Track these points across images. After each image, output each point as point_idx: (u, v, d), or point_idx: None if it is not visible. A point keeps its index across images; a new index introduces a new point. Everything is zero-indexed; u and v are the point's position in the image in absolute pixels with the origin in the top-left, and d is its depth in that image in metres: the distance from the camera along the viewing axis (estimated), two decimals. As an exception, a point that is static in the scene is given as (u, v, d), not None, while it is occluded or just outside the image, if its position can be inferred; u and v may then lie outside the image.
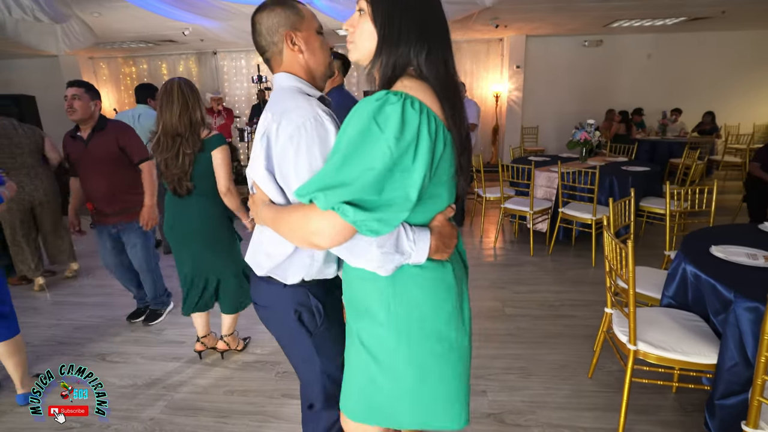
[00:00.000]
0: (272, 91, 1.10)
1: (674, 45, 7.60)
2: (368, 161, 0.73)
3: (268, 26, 1.04)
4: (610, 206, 2.18)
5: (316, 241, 0.81)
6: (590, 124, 4.24)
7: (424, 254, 0.87)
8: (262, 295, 1.15)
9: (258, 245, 1.12)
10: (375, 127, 0.74)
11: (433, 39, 0.84)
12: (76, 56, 8.26)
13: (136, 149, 2.50)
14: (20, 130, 2.99)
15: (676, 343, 1.61)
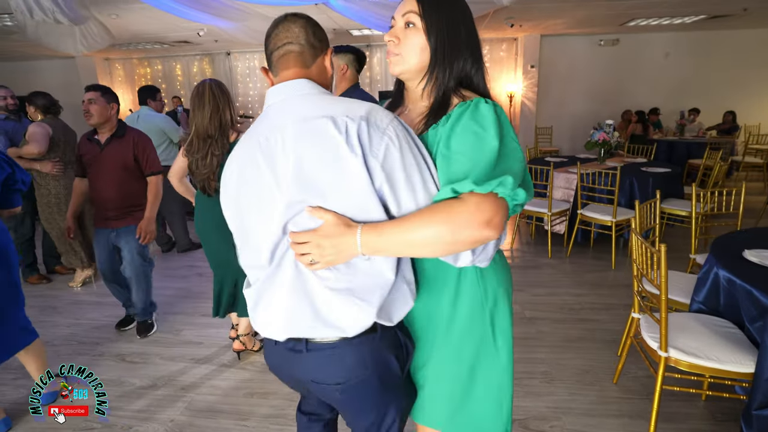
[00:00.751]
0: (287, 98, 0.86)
1: (693, 43, 7.45)
2: (512, 155, 0.82)
3: (320, 32, 0.92)
4: (636, 208, 2.12)
5: (487, 232, 0.74)
6: (609, 125, 4.17)
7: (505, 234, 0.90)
8: (354, 365, 0.85)
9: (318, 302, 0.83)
10: (505, 126, 0.84)
11: (477, 53, 0.92)
12: (92, 57, 8.37)
13: (149, 161, 2.50)
14: (69, 129, 3.19)
15: (710, 350, 1.56)
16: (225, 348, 2.52)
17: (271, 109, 0.86)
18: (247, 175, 0.85)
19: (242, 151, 0.87)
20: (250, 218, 0.86)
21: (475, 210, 0.74)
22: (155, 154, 2.55)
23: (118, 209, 2.47)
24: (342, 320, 0.82)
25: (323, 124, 0.77)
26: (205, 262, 3.93)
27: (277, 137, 0.80)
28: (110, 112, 2.38)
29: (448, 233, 0.75)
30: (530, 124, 7.94)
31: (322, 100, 0.83)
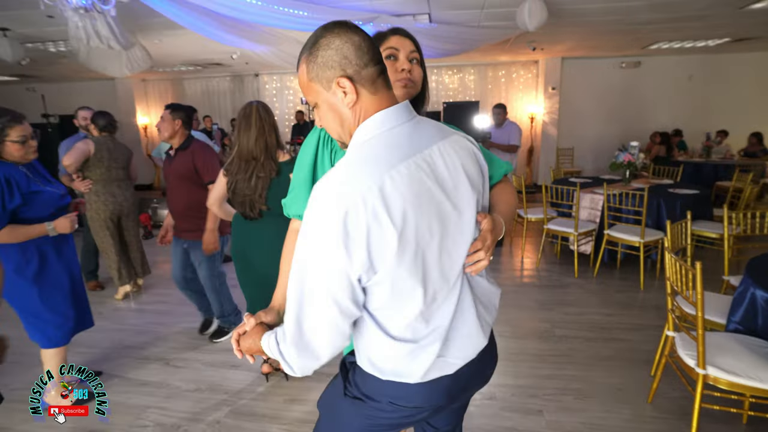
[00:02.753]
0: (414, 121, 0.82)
1: (717, 66, 7.45)
2: None
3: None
4: (668, 228, 2.17)
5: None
6: (634, 146, 4.21)
7: None
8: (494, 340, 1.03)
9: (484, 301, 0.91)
10: None
11: None
12: (130, 79, 8.85)
13: (207, 169, 2.54)
14: (118, 146, 3.32)
15: (750, 369, 1.58)
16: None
17: (403, 130, 0.78)
18: (425, 207, 0.74)
19: (402, 179, 0.72)
20: (435, 255, 0.77)
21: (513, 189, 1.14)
22: (215, 163, 2.57)
23: (185, 219, 2.60)
24: (494, 299, 0.95)
25: (461, 140, 0.87)
26: (237, 275, 4.07)
27: (437, 159, 0.78)
28: (175, 127, 2.50)
29: (516, 201, 1.11)
30: (551, 146, 7.99)
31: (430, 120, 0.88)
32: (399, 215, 0.70)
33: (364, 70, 0.76)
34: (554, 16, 4.43)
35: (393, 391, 0.85)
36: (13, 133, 1.82)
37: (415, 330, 0.79)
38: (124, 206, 3.36)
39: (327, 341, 0.76)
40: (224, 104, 9.30)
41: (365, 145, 0.76)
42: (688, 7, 4.38)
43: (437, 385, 0.85)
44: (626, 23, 5.04)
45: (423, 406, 0.87)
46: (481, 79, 8.20)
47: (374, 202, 0.68)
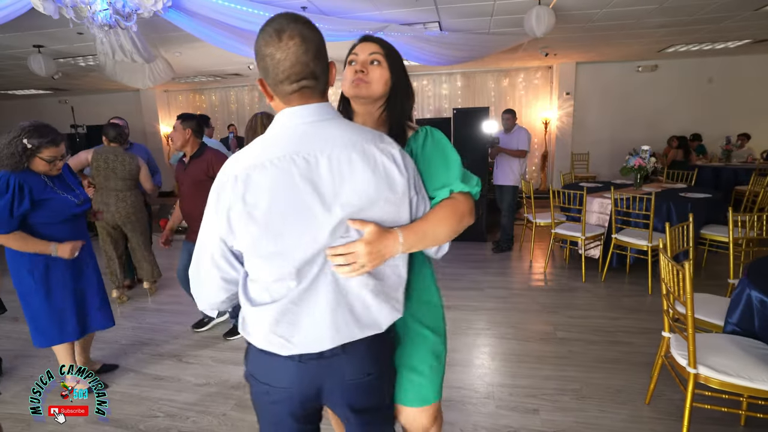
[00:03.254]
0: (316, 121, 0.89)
1: (738, 68, 7.28)
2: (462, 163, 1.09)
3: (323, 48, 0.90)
4: (667, 230, 2.17)
5: (466, 221, 1.04)
6: (645, 150, 4.18)
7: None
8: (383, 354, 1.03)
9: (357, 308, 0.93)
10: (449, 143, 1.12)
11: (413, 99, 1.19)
12: (154, 90, 9.24)
13: None
14: (120, 158, 3.32)
15: (742, 368, 1.58)
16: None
17: (297, 129, 0.87)
18: (281, 195, 0.83)
19: (272, 170, 0.84)
20: (285, 238, 0.85)
21: (466, 203, 1.03)
22: None
23: (192, 223, 2.71)
24: (379, 318, 0.95)
25: (371, 149, 0.88)
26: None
27: (321, 160, 0.85)
28: (186, 136, 2.63)
29: (456, 223, 1.01)
30: (566, 151, 7.93)
31: (351, 126, 0.92)
32: (253, 197, 0.84)
33: (278, 86, 0.87)
34: (562, 22, 4.46)
35: (252, 364, 0.99)
36: (46, 153, 1.97)
37: (262, 295, 0.91)
38: (118, 216, 3.38)
39: (208, 288, 0.97)
40: (243, 113, 9.60)
41: (265, 135, 0.91)
42: (700, 10, 4.34)
43: (285, 366, 0.94)
44: (638, 27, 5.01)
45: (276, 386, 0.96)
46: (495, 85, 8.23)
47: (240, 181, 0.85)
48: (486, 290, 3.63)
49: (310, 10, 4.11)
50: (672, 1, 4.03)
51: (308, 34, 0.84)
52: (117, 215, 3.40)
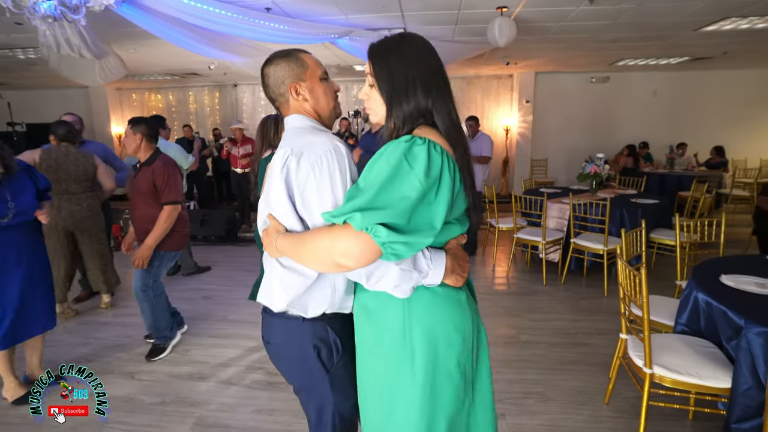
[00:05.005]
0: (285, 131, 1.14)
1: (679, 82, 7.85)
2: (403, 191, 0.84)
3: (274, 80, 1.12)
4: (623, 236, 2.28)
5: (343, 261, 0.86)
6: (599, 158, 4.39)
7: (441, 273, 0.94)
8: (277, 332, 1.13)
9: (271, 281, 1.08)
10: (405, 163, 0.86)
11: (435, 95, 0.98)
12: (104, 87, 8.72)
13: (165, 190, 2.51)
14: (71, 158, 3.08)
15: (692, 367, 1.68)
16: (231, 367, 2.60)
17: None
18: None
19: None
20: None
21: (332, 239, 0.87)
22: (172, 182, 2.53)
23: (139, 233, 2.59)
24: (273, 298, 1.08)
25: (280, 154, 1.03)
26: (211, 285, 4.04)
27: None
28: (137, 141, 2.49)
29: (321, 253, 0.89)
30: (526, 157, 8.23)
31: (299, 134, 1.08)
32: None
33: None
34: (524, 33, 4.62)
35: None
36: None
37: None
38: (71, 221, 3.14)
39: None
40: (202, 114, 9.25)
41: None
42: (649, 27, 4.64)
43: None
44: (593, 41, 5.28)
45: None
46: (458, 92, 8.40)
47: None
48: (452, 295, 3.66)
49: (275, 12, 4.02)
50: (624, 19, 4.28)
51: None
52: (70, 220, 3.14)
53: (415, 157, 0.86)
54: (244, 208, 6.71)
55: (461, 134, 1.00)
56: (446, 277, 0.95)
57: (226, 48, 4.97)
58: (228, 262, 4.76)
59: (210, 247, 5.39)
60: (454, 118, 1.00)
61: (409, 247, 0.85)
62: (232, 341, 2.92)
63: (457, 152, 0.95)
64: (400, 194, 0.84)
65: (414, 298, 0.96)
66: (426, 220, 0.87)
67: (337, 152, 1.01)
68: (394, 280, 0.91)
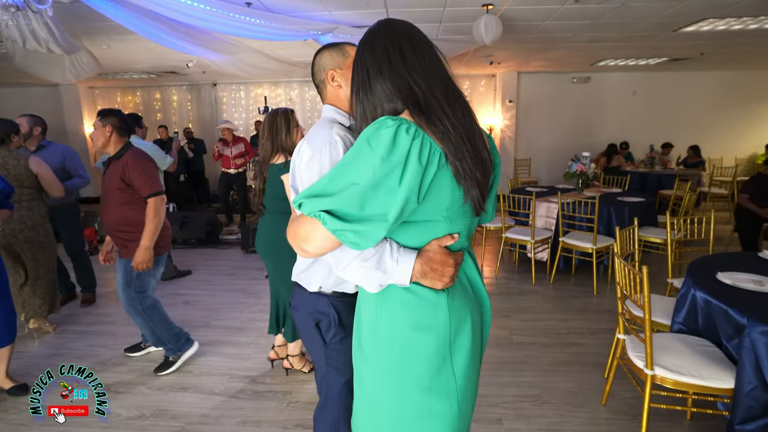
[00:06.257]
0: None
1: (658, 83, 8.01)
2: (354, 177, 0.79)
3: (318, 66, 1.20)
4: (617, 234, 2.25)
5: (304, 246, 0.87)
6: (585, 157, 4.41)
7: (407, 276, 0.87)
8: (294, 297, 1.27)
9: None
10: (367, 146, 0.79)
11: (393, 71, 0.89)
12: (76, 85, 8.37)
13: (141, 183, 2.27)
14: (8, 163, 2.72)
15: (693, 367, 1.65)
16: (214, 376, 2.47)
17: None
18: None
19: None
20: None
21: (296, 224, 0.89)
22: (149, 173, 2.29)
23: (114, 237, 2.36)
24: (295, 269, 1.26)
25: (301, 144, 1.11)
26: (192, 290, 3.88)
27: None
28: (106, 134, 2.28)
29: (290, 238, 0.90)
30: (509, 156, 8.26)
31: (315, 126, 1.12)
32: None
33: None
34: (509, 31, 4.61)
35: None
36: None
37: None
38: (8, 231, 2.75)
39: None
40: (183, 114, 8.98)
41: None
42: (629, 28, 4.69)
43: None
44: (575, 41, 5.32)
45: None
46: (441, 92, 8.37)
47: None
48: (441, 296, 3.60)
49: (255, 7, 3.89)
50: (606, 19, 4.31)
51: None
52: (11, 229, 2.77)
53: (379, 138, 0.79)
54: (228, 209, 6.52)
55: (463, 118, 0.88)
56: (418, 279, 0.89)
57: (204, 44, 4.80)
58: (209, 265, 4.58)
59: (190, 250, 5.20)
60: (441, 99, 0.87)
61: (361, 236, 0.80)
62: (215, 348, 2.79)
63: (447, 139, 0.83)
64: (350, 180, 0.79)
65: (385, 294, 0.92)
66: (381, 210, 0.79)
67: (332, 145, 1.02)
68: (356, 275, 0.90)
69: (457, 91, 0.93)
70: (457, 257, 0.92)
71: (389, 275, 0.88)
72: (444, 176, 0.84)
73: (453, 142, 0.83)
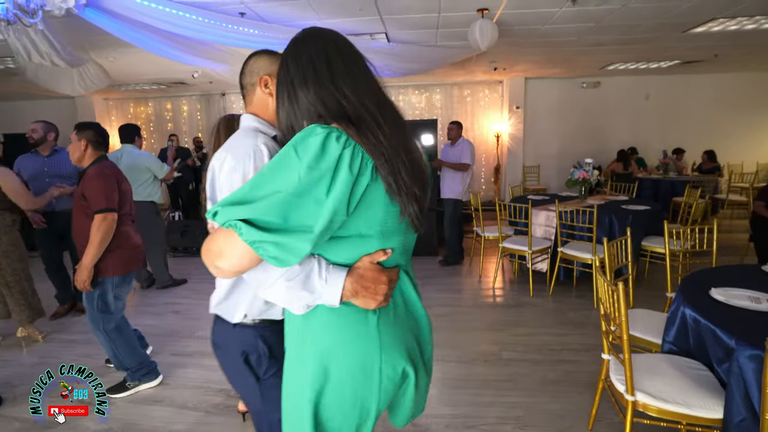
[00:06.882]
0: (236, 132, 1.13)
1: (672, 86, 7.74)
2: (276, 185, 0.72)
3: (250, 69, 1.14)
4: (605, 245, 2.12)
5: (218, 263, 0.76)
6: (588, 163, 4.25)
7: (336, 296, 0.81)
8: (215, 333, 1.16)
9: (219, 282, 1.13)
10: (293, 154, 0.74)
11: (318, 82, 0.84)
12: (90, 98, 8.61)
13: (93, 198, 2.17)
14: None
15: (679, 394, 1.50)
16: (189, 389, 2.41)
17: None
18: None
19: None
20: None
21: (209, 238, 0.77)
22: (102, 189, 2.18)
23: (80, 250, 2.26)
24: (212, 298, 1.14)
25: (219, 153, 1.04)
26: (184, 299, 3.86)
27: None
28: (81, 148, 2.25)
29: (204, 254, 0.78)
30: (517, 163, 8.09)
31: (236, 136, 1.07)
32: None
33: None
34: (506, 35, 4.51)
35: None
36: None
37: None
38: None
39: None
40: (193, 124, 9.13)
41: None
42: (635, 30, 4.52)
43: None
44: (579, 44, 5.17)
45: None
46: (446, 99, 8.29)
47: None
48: (432, 308, 3.49)
49: (249, 17, 3.90)
50: (608, 21, 4.16)
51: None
52: None
53: (306, 146, 0.73)
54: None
55: (396, 130, 0.83)
56: (349, 299, 0.82)
57: (203, 55, 4.85)
58: (204, 273, 4.53)
59: (190, 258, 5.22)
60: (372, 110, 0.82)
61: (282, 249, 0.72)
62: (195, 360, 2.74)
63: (376, 150, 0.78)
64: (273, 188, 0.72)
65: (311, 315, 0.86)
66: (306, 222, 0.73)
67: (257, 154, 0.98)
68: (282, 296, 0.82)
69: (389, 102, 0.89)
70: (391, 274, 0.86)
71: (317, 295, 0.81)
72: (377, 189, 0.79)
73: (386, 155, 0.78)
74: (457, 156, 4.45)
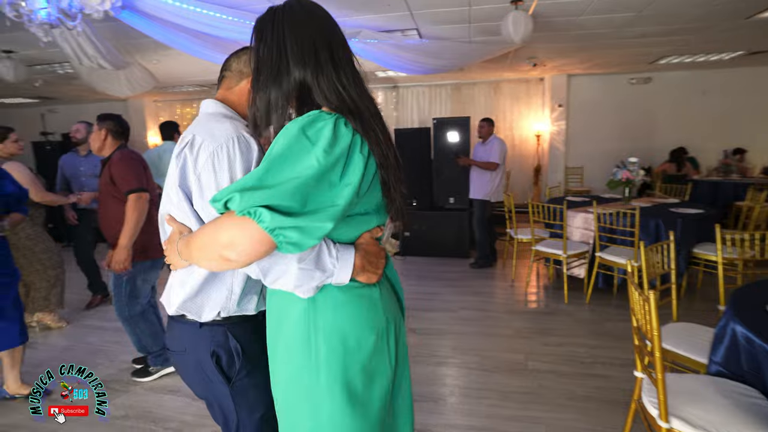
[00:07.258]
0: (196, 118, 1.04)
1: (733, 80, 7.06)
2: (295, 170, 0.71)
3: (247, 57, 1.07)
4: (642, 250, 1.91)
5: (228, 255, 0.73)
6: (632, 162, 3.93)
7: (348, 272, 0.82)
8: (176, 338, 1.04)
9: (170, 281, 1.03)
10: (305, 139, 0.73)
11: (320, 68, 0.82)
12: (141, 100, 9.13)
13: (121, 179, 2.23)
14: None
15: (725, 424, 1.30)
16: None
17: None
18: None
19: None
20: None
21: (215, 229, 0.75)
22: (130, 170, 2.25)
23: (109, 237, 2.32)
24: (171, 298, 1.03)
25: (189, 137, 0.95)
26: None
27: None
28: (101, 137, 2.31)
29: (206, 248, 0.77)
30: (559, 164, 7.69)
31: (206, 120, 0.98)
32: None
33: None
34: (544, 29, 4.27)
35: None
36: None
37: None
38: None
39: None
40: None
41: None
42: (680, 18, 4.13)
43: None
44: (620, 37, 4.80)
45: None
46: (484, 97, 8.04)
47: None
48: (458, 311, 3.34)
49: (279, 15, 3.93)
50: (650, 10, 3.82)
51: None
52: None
53: (317, 131, 0.74)
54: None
55: (366, 110, 0.83)
56: (356, 275, 0.84)
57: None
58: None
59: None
60: (353, 91, 0.83)
61: (304, 233, 0.71)
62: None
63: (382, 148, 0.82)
64: (291, 174, 0.71)
65: (318, 298, 0.84)
66: (328, 202, 0.73)
67: (240, 141, 0.93)
68: (293, 280, 0.80)
69: (374, 101, 0.90)
70: (383, 248, 0.92)
71: (329, 273, 0.82)
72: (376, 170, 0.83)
73: (382, 150, 0.82)
74: (486, 155, 4.27)
